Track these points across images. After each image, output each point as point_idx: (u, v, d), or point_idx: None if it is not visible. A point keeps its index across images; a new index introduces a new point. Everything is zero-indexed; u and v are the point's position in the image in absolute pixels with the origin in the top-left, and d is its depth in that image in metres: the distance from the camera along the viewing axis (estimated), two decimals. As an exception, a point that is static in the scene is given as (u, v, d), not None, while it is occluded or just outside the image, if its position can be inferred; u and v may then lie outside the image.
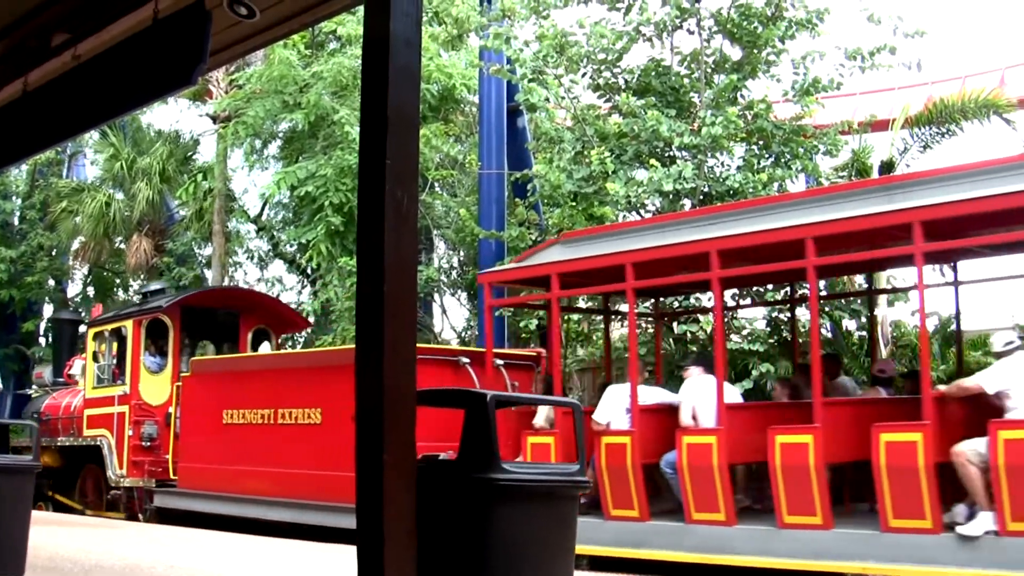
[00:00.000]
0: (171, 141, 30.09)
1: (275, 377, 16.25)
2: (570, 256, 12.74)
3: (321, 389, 15.02)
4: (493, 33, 19.58)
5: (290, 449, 15.29)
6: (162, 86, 6.41)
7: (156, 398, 18.68)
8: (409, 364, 4.69)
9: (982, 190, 9.57)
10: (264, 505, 15.64)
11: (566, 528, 5.20)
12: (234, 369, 17.55)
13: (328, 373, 14.90)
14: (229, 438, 16.45)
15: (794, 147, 17.81)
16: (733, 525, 11.03)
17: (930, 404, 9.74)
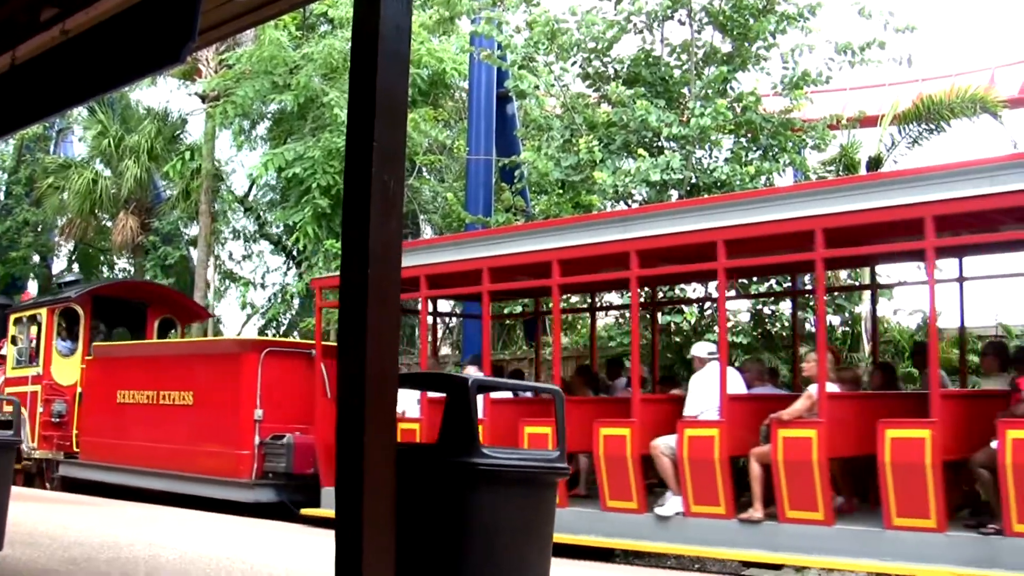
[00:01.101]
0: (160, 119, 29.97)
1: (158, 363, 18.28)
2: (413, 263, 13.53)
3: (193, 375, 17.13)
4: (484, 19, 19.57)
5: (168, 426, 17.24)
6: (151, 63, 6.40)
7: (66, 379, 20.24)
8: (392, 347, 4.70)
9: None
10: (148, 476, 17.49)
11: (545, 514, 5.22)
12: (127, 355, 19.46)
13: (198, 361, 17.46)
14: (122, 415, 18.31)
15: (782, 140, 17.84)
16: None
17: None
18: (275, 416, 16.01)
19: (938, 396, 9.85)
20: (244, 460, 15.92)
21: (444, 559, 4.85)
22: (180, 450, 16.80)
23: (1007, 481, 9.22)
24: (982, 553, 9.36)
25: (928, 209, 9.84)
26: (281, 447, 15.69)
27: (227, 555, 10.45)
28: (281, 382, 16.15)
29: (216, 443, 16.37)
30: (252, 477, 15.83)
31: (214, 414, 16.55)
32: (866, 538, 10.15)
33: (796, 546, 10.46)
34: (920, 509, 9.69)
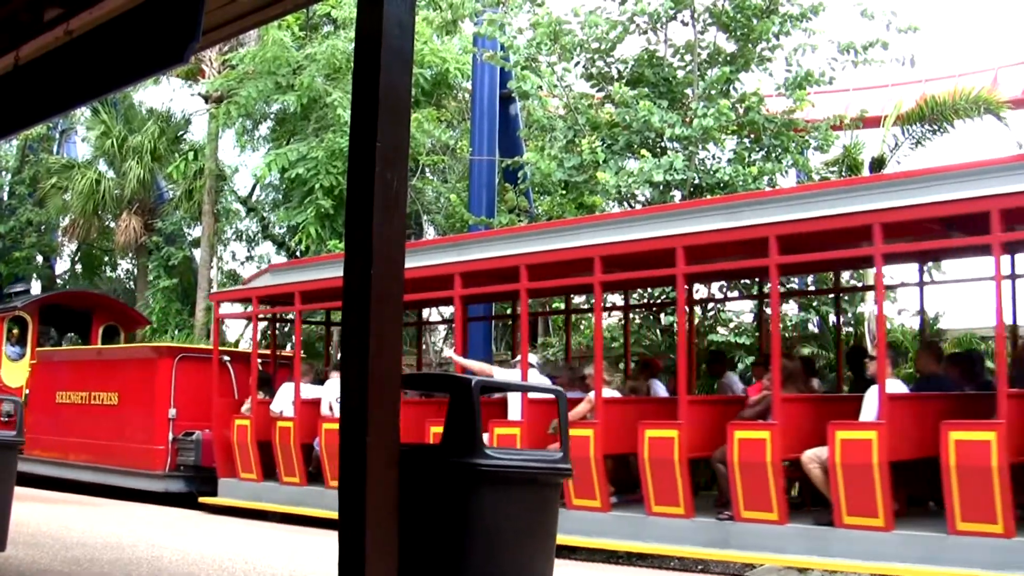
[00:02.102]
0: (163, 120, 29.99)
1: (89, 367, 19.92)
2: (278, 281, 16.37)
3: (117, 378, 18.91)
4: (487, 19, 19.56)
5: (97, 424, 18.72)
6: (154, 63, 6.40)
7: (15, 381, 21.96)
8: (395, 347, 4.70)
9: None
10: (81, 469, 18.96)
11: (548, 514, 5.22)
12: (65, 359, 21.39)
13: (122, 365, 19.17)
14: (60, 414, 19.73)
15: (785, 141, 17.81)
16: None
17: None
18: (187, 415, 17.74)
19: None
20: (159, 454, 17.68)
21: (447, 560, 4.85)
22: (107, 445, 18.32)
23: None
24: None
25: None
26: (191, 443, 17.45)
27: (229, 556, 10.46)
28: (193, 385, 17.81)
29: (136, 439, 18.07)
30: (166, 469, 17.59)
31: (134, 413, 18.31)
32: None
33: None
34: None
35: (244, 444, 16.20)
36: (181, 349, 18.96)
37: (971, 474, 9.33)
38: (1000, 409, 9.38)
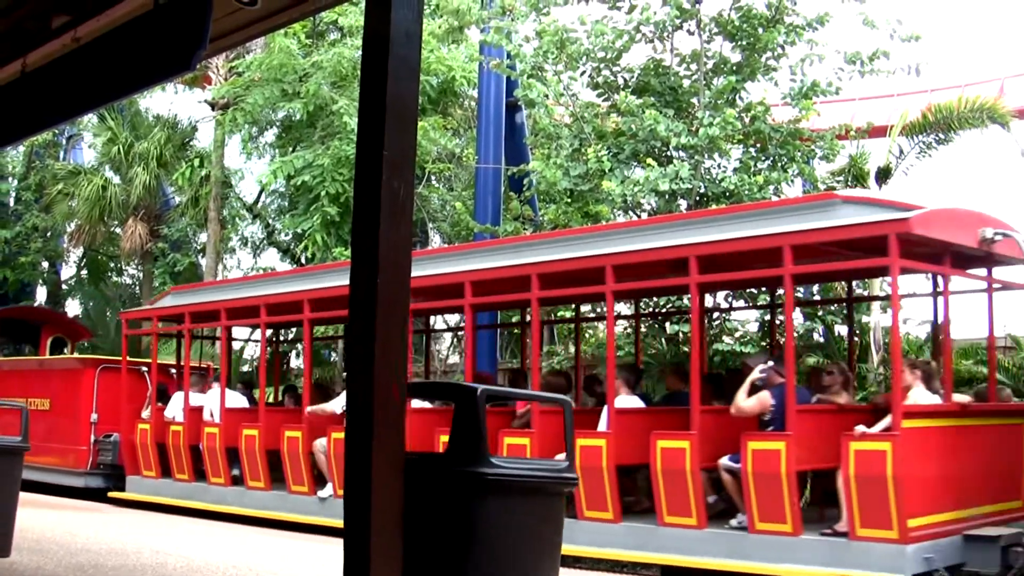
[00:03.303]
0: (169, 126, 30.03)
1: (28, 375, 22.06)
2: (175, 302, 18.88)
3: (50, 385, 21.08)
4: (493, 28, 19.58)
5: (33, 427, 18.58)
6: (161, 71, 6.41)
7: None
8: (400, 355, 4.70)
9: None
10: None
11: (553, 524, 5.21)
12: (8, 368, 23.14)
13: (53, 374, 21.40)
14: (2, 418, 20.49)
15: (791, 150, 17.80)
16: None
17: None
18: (107, 419, 19.83)
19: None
20: (82, 454, 19.91)
21: (452, 569, 4.85)
22: (40, 446, 18.30)
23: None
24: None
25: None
26: (109, 444, 19.68)
27: (233, 563, 10.46)
28: (113, 392, 19.72)
29: (63, 440, 20.07)
30: (88, 467, 19.78)
31: (63, 417, 20.31)
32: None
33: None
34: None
35: (144, 445, 18.48)
36: (103, 360, 21.13)
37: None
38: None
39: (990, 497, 10.99)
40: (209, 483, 17.04)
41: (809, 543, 10.42)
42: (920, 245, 10.66)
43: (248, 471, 16.43)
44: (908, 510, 9.82)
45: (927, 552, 9.95)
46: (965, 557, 10.38)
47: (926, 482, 10.21)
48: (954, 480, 10.57)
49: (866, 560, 9.90)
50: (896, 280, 10.77)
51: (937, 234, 10.63)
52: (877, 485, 9.91)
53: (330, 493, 15.11)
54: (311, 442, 15.39)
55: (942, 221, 10.86)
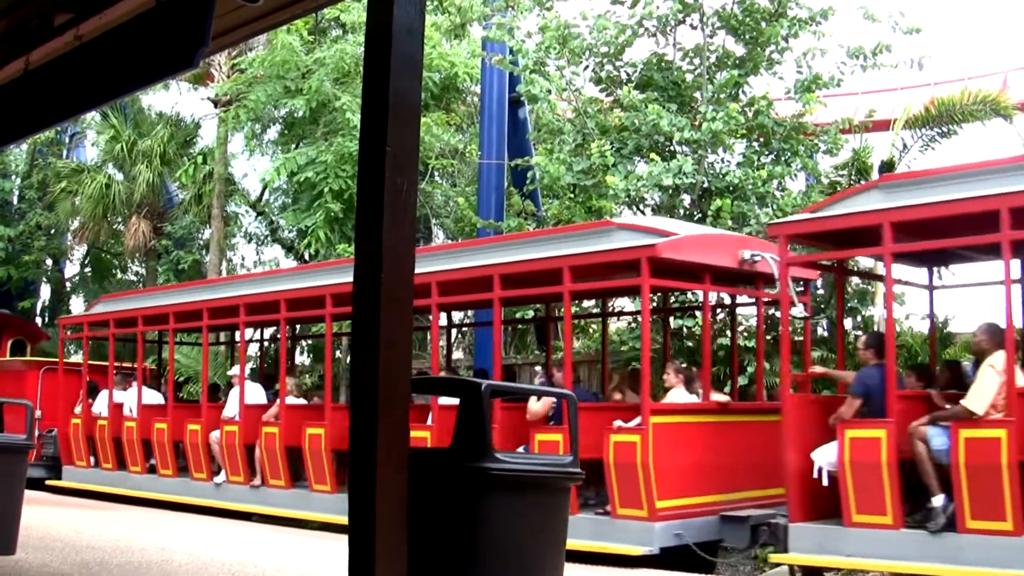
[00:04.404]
0: (172, 124, 30.01)
1: None
2: (104, 309, 20.69)
3: (2, 386, 22.23)
4: (496, 23, 19.58)
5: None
6: (164, 68, 6.41)
7: None
8: (405, 351, 4.70)
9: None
10: None
11: (558, 519, 5.21)
12: None
13: (4, 375, 23.19)
14: None
15: (794, 144, 17.80)
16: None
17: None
18: (49, 415, 21.51)
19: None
20: None
21: (457, 564, 4.85)
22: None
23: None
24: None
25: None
26: (51, 438, 21.51)
27: (238, 559, 10.47)
28: (54, 391, 21.64)
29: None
30: (32, 459, 20.60)
31: (9, 413, 20.09)
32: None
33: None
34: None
35: (76, 438, 20.40)
36: (46, 362, 23.17)
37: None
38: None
39: (753, 484, 12.37)
40: (129, 471, 19.00)
41: (578, 520, 11.37)
42: (675, 266, 12.20)
43: (159, 460, 18.39)
44: (658, 493, 11.47)
45: (676, 529, 11.62)
46: (721, 534, 11.97)
47: (677, 469, 11.75)
48: (710, 468, 12.09)
49: (625, 535, 11.64)
50: (647, 298, 12.36)
51: (691, 256, 12.21)
52: (630, 471, 11.58)
53: (223, 479, 16.97)
54: (208, 434, 17.27)
55: (698, 245, 12.56)
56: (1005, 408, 9.61)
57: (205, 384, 18.65)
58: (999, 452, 9.30)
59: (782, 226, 11.63)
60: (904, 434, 10.07)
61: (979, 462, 9.41)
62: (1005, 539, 9.23)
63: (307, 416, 15.84)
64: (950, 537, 9.64)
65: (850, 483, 10.24)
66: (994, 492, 9.29)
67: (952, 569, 9.50)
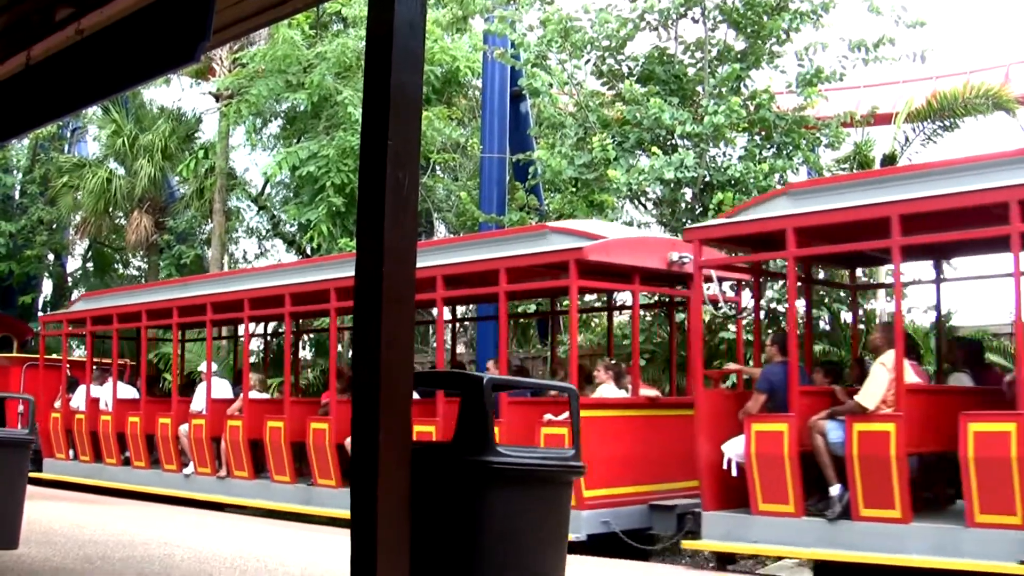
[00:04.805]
0: (173, 118, 29.99)
1: None
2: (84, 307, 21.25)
3: None
4: (498, 17, 19.57)
5: None
6: (165, 62, 6.41)
7: None
8: (407, 345, 4.70)
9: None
10: None
11: (560, 512, 5.21)
12: None
13: None
14: None
15: (796, 138, 17.79)
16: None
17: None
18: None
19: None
20: None
21: (459, 558, 4.85)
22: None
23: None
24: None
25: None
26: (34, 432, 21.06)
27: (241, 553, 10.48)
28: (35, 384, 21.72)
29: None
30: None
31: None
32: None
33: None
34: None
35: (56, 431, 20.97)
36: (27, 359, 23.75)
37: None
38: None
39: (682, 475, 12.60)
40: (105, 464, 19.59)
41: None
42: (604, 267, 12.90)
43: (132, 453, 19.00)
44: (585, 483, 11.75)
45: (604, 517, 12.12)
46: (649, 522, 12.47)
47: (604, 461, 12.09)
48: (639, 459, 12.69)
49: None
50: (575, 297, 13.07)
51: (619, 259, 12.89)
52: None
53: (192, 471, 17.61)
54: (177, 427, 17.86)
55: (627, 248, 13.21)
56: (895, 403, 10.14)
57: (176, 380, 19.68)
58: (888, 445, 9.89)
59: (696, 231, 12.20)
60: (805, 428, 10.62)
61: (871, 454, 10.00)
62: (895, 526, 9.86)
63: (268, 410, 16.56)
64: (845, 524, 10.25)
65: (756, 474, 10.85)
66: (884, 482, 9.89)
67: (847, 554, 10.16)
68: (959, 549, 9.50)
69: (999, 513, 9.33)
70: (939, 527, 9.84)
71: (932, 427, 10.07)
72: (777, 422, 10.80)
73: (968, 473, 9.45)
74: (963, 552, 9.46)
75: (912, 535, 9.82)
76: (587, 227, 13.69)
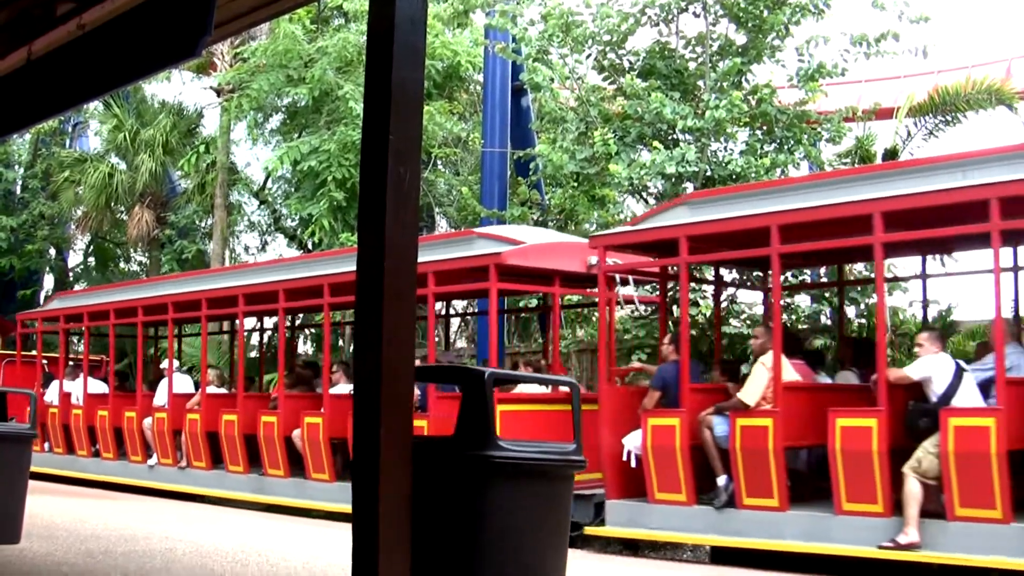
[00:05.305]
0: (175, 113, 30.00)
1: None
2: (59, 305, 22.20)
3: None
4: (499, 12, 19.56)
5: None
6: (167, 57, 6.41)
7: None
8: (408, 340, 4.70)
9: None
10: None
11: (561, 507, 5.22)
12: None
13: None
14: None
15: (797, 133, 17.77)
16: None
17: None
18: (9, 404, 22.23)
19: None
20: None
21: (460, 552, 4.86)
22: None
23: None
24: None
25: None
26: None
27: (242, 548, 10.50)
28: (13, 380, 22.55)
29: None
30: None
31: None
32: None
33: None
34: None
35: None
36: (5, 355, 24.53)
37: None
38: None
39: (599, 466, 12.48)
40: (76, 455, 20.39)
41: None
42: (524, 271, 13.96)
43: (101, 445, 19.83)
44: None
45: None
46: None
47: None
48: None
49: None
50: (495, 299, 13.83)
51: (538, 263, 13.91)
52: None
53: (155, 462, 18.36)
54: (142, 420, 18.66)
55: (546, 252, 14.13)
56: (773, 400, 10.85)
57: (140, 375, 20.11)
58: (767, 438, 10.66)
59: (600, 238, 13.08)
60: (696, 422, 11.36)
61: (752, 447, 10.77)
62: (774, 514, 10.65)
63: (223, 404, 17.39)
64: (731, 512, 11.02)
65: (652, 465, 11.54)
66: (763, 473, 10.68)
67: (733, 540, 11.01)
68: (829, 535, 10.30)
69: (863, 502, 10.11)
70: (812, 514, 10.60)
71: (809, 422, 10.72)
72: (670, 417, 11.50)
73: (836, 464, 10.21)
74: (832, 538, 10.25)
75: (788, 522, 10.62)
76: (509, 233, 14.72)
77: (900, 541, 9.73)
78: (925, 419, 10.01)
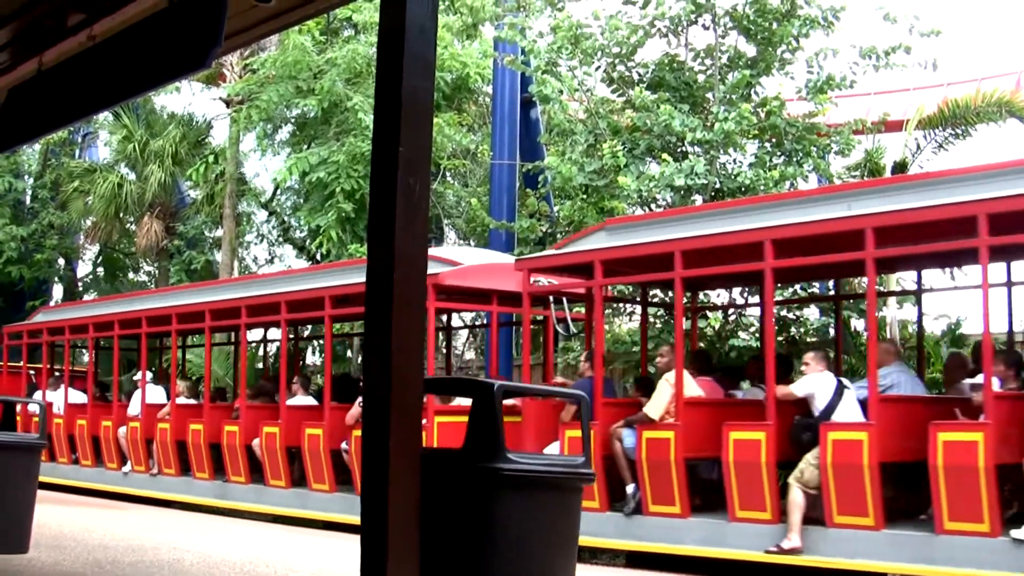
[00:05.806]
0: (184, 124, 30.06)
1: None
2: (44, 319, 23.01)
3: None
4: (508, 24, 19.58)
5: None
6: (176, 68, 6.42)
7: None
8: (417, 351, 4.70)
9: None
10: None
11: (570, 519, 5.21)
12: None
13: None
14: None
15: (807, 145, 17.76)
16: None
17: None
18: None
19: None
20: None
21: (469, 564, 4.85)
22: None
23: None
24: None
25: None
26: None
27: (250, 559, 10.49)
28: (4, 389, 22.64)
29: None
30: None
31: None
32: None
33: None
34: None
35: None
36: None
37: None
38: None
39: None
40: (57, 463, 20.88)
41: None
42: (462, 290, 14.89)
43: (80, 453, 20.73)
44: None
45: None
46: None
47: None
48: None
49: None
50: (431, 318, 15.30)
51: (476, 283, 14.67)
52: None
53: (129, 469, 19.25)
54: (117, 429, 19.48)
55: (484, 273, 14.87)
56: (676, 414, 11.55)
57: (116, 385, 21.60)
58: (669, 450, 11.36)
59: (524, 261, 13.87)
60: (608, 434, 12.01)
61: (656, 458, 11.46)
62: (677, 520, 11.37)
63: (191, 414, 18.10)
64: (638, 519, 11.74)
65: None
66: (666, 482, 11.40)
67: (640, 545, 11.79)
68: (724, 540, 11.04)
69: (754, 509, 10.84)
70: (708, 521, 11.36)
71: (710, 435, 11.28)
72: None
73: (729, 474, 10.96)
74: (727, 543, 11.00)
75: (689, 528, 11.35)
76: (448, 254, 15.48)
77: (784, 546, 10.45)
78: (808, 433, 10.78)
